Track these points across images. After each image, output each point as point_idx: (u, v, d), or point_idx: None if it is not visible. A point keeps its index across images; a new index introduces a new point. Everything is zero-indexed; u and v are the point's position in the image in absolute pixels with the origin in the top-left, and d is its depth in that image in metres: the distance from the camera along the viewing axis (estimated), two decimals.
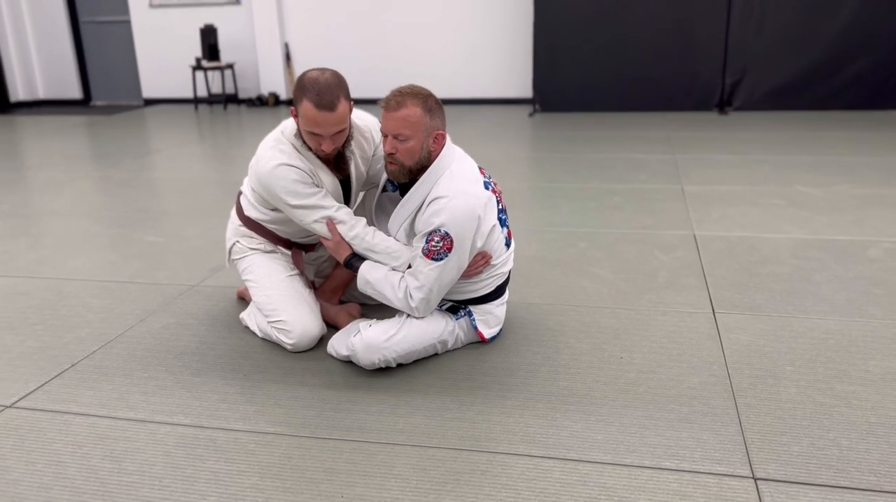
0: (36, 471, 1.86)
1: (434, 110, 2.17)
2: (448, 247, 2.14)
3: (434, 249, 2.15)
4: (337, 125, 2.19)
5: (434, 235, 2.14)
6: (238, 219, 2.59)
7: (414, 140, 2.15)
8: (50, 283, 3.19)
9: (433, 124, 2.17)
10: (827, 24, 7.21)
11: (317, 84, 2.14)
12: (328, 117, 2.16)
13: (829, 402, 2.08)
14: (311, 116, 2.16)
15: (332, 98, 2.14)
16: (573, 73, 7.86)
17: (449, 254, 2.15)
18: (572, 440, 1.93)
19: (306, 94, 2.15)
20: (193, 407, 2.16)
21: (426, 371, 2.33)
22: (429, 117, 2.15)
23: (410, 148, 2.15)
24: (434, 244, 2.14)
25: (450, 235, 2.13)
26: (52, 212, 4.38)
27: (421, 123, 2.14)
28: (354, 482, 1.79)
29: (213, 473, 1.84)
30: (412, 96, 2.14)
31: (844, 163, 5.08)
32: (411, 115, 2.12)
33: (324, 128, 2.18)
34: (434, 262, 2.16)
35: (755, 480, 1.75)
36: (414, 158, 2.18)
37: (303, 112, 2.18)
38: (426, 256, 2.17)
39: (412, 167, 2.19)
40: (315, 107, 2.14)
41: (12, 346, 2.59)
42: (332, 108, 2.15)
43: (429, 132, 2.17)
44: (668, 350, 2.42)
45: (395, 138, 2.15)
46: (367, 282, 2.30)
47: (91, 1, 9.82)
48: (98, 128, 7.96)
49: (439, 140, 2.21)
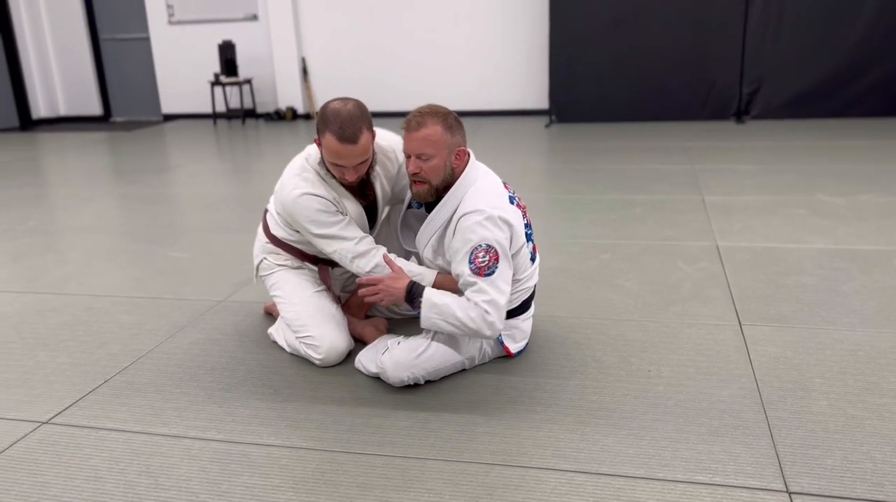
0: (75, 487, 1.89)
1: (454, 127, 2.20)
2: (494, 257, 2.16)
3: (482, 265, 2.16)
4: (360, 156, 2.23)
5: (477, 252, 2.15)
6: (265, 237, 2.62)
7: (437, 158, 2.18)
8: (79, 299, 3.24)
9: (454, 141, 2.20)
10: (844, 32, 7.20)
11: (339, 116, 2.17)
12: (351, 150, 2.19)
13: (861, 415, 2.07)
14: (335, 149, 2.20)
15: (354, 131, 2.17)
16: (589, 83, 7.88)
17: (498, 265, 2.16)
18: (603, 454, 1.94)
19: (329, 127, 2.18)
20: (226, 422, 2.18)
21: (454, 386, 2.34)
22: (449, 134, 2.18)
23: (434, 166, 2.19)
24: (480, 260, 2.15)
25: (492, 247, 2.15)
26: (77, 228, 4.44)
27: (442, 141, 2.17)
28: (388, 497, 1.80)
29: (248, 488, 1.86)
30: (431, 115, 2.17)
31: (866, 171, 5.06)
32: (432, 133, 2.16)
33: (347, 159, 2.21)
34: (488, 278, 2.16)
35: (789, 494, 1.75)
36: (439, 176, 2.21)
37: (326, 144, 2.21)
38: (478, 275, 2.16)
39: (438, 185, 2.23)
40: (338, 139, 2.17)
41: (46, 362, 2.63)
42: (354, 141, 2.18)
43: (451, 149, 2.20)
44: (696, 362, 2.42)
45: (419, 158, 2.18)
46: (434, 305, 2.20)
47: (111, 18, 9.97)
48: (118, 144, 8.07)
49: (461, 156, 2.24)
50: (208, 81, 9.24)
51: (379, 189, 2.48)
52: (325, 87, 9.30)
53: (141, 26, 9.82)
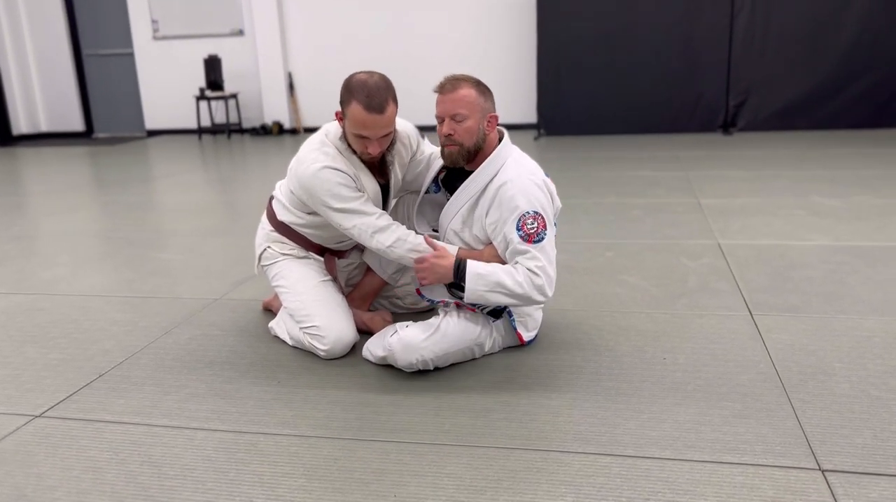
0: (73, 478, 1.79)
1: (486, 93, 2.20)
2: (543, 224, 2.14)
3: (531, 232, 2.13)
4: (385, 128, 2.17)
5: (525, 219, 2.13)
6: (269, 225, 2.55)
7: (471, 120, 2.16)
8: (69, 300, 3.13)
9: (487, 106, 2.20)
10: (829, 45, 7.29)
11: (366, 86, 2.13)
12: (377, 119, 2.14)
13: (886, 396, 2.02)
14: (360, 118, 2.14)
15: (381, 100, 2.13)
16: (577, 96, 7.90)
17: (546, 231, 2.15)
18: (627, 437, 1.87)
19: (355, 96, 2.13)
20: (230, 413, 2.09)
21: (465, 374, 2.27)
22: (483, 98, 2.18)
23: (468, 128, 2.16)
24: (529, 227, 2.13)
25: (539, 213, 2.14)
26: (64, 234, 4.33)
27: (477, 103, 2.16)
28: (406, 481, 1.72)
29: (257, 476, 1.77)
30: (464, 79, 2.18)
31: (859, 176, 5.09)
32: (467, 95, 2.15)
33: (372, 130, 2.15)
34: (538, 244, 2.14)
35: (822, 472, 1.69)
36: (472, 139, 2.18)
37: (351, 114, 2.15)
38: (528, 241, 2.13)
39: (470, 148, 2.19)
40: (364, 109, 2.12)
41: (36, 359, 2.52)
42: (381, 111, 2.13)
43: (484, 113, 2.19)
44: (711, 350, 2.37)
45: (453, 119, 2.16)
46: (480, 275, 2.13)
47: (94, 34, 9.88)
48: (102, 157, 7.95)
49: (493, 122, 2.22)
50: (193, 96, 9.16)
51: (393, 173, 2.42)
52: (312, 102, 9.26)
53: (125, 41, 9.73)
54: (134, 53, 9.67)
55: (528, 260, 2.14)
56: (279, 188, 2.56)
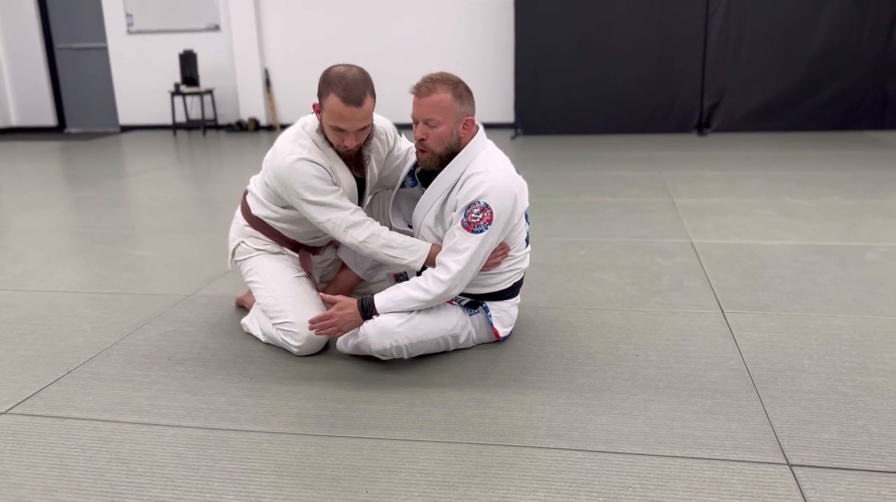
0: (39, 475, 1.76)
1: (464, 96, 2.17)
2: (488, 219, 2.12)
3: (474, 221, 2.12)
4: (362, 121, 2.16)
5: (474, 207, 2.12)
6: (244, 219, 2.52)
7: (444, 126, 2.14)
8: (38, 296, 3.08)
9: (463, 110, 2.17)
10: (802, 48, 7.39)
11: (344, 79, 2.11)
12: (354, 112, 2.13)
13: (853, 393, 2.05)
14: (338, 111, 2.13)
15: (359, 93, 2.11)
16: (554, 96, 7.94)
17: (489, 227, 2.13)
18: (599, 433, 1.88)
19: (333, 89, 2.11)
20: (201, 409, 2.07)
21: (439, 370, 2.26)
22: (458, 103, 2.16)
23: (441, 133, 2.15)
24: (474, 216, 2.12)
25: (489, 207, 2.11)
26: (34, 230, 4.26)
27: (451, 109, 2.14)
28: (378, 478, 1.72)
29: (228, 473, 1.75)
30: (442, 82, 2.15)
31: (829, 177, 5.16)
32: (442, 100, 2.13)
33: (349, 123, 2.14)
34: (474, 235, 2.13)
35: (790, 466, 1.71)
36: (444, 144, 2.17)
37: (328, 106, 2.14)
38: (466, 229, 2.13)
39: (442, 154, 2.19)
40: (342, 101, 2.11)
41: (3, 355, 2.48)
42: (359, 104, 2.12)
43: (459, 118, 2.17)
44: (683, 347, 2.39)
45: (426, 124, 2.15)
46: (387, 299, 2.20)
47: (67, 27, 9.74)
48: (74, 152, 7.83)
49: (468, 126, 2.21)
50: (168, 91, 9.06)
51: (369, 168, 2.41)
52: (288, 99, 9.20)
53: (98, 35, 9.60)
54: (108, 48, 9.54)
55: (448, 252, 2.16)
56: (254, 182, 2.54)
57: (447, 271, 2.16)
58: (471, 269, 2.17)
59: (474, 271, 2.19)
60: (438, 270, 2.18)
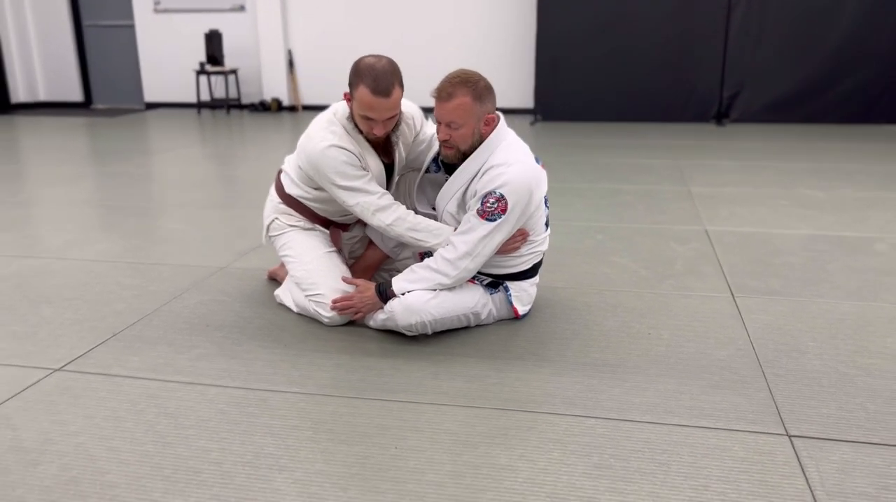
0: (95, 425, 1.92)
1: (484, 96, 2.27)
2: (502, 209, 2.24)
3: (489, 209, 2.25)
4: (390, 111, 2.29)
5: (490, 196, 2.25)
6: (277, 197, 2.67)
7: (466, 127, 2.26)
8: (79, 264, 3.24)
9: (483, 109, 2.28)
10: (823, 40, 7.42)
11: (373, 70, 2.24)
12: (383, 103, 2.25)
13: (853, 373, 2.17)
14: (367, 101, 2.25)
15: (387, 84, 2.24)
16: (574, 83, 8.01)
17: (502, 217, 2.25)
18: (611, 402, 2.02)
19: (363, 80, 2.24)
20: (240, 372, 2.22)
21: (462, 343, 2.40)
22: (479, 104, 2.25)
23: (463, 134, 2.28)
24: (489, 205, 2.24)
25: (505, 198, 2.24)
26: (69, 202, 4.43)
27: (472, 111, 2.25)
28: (406, 435, 1.86)
29: (268, 428, 1.90)
30: (462, 84, 2.24)
31: (843, 169, 5.24)
32: (462, 104, 2.23)
33: (378, 112, 2.27)
34: (487, 223, 2.26)
35: (789, 437, 1.84)
36: (467, 143, 2.31)
37: (358, 96, 2.27)
38: (480, 216, 2.27)
39: (466, 150, 2.32)
40: (371, 92, 2.23)
41: (51, 318, 2.64)
42: (387, 94, 2.24)
43: (479, 118, 2.28)
44: (694, 327, 2.52)
45: (448, 126, 2.26)
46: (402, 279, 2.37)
47: (95, 5, 9.90)
48: (101, 128, 8.01)
49: (490, 123, 2.32)
50: (193, 70, 9.21)
51: (398, 152, 2.54)
52: (311, 80, 9.32)
53: (125, 13, 9.75)
54: (135, 25, 9.69)
55: (460, 235, 2.31)
56: (288, 162, 2.68)
57: (453, 250, 2.31)
58: (482, 254, 2.31)
59: (487, 255, 2.32)
60: (446, 249, 2.34)
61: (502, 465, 1.73)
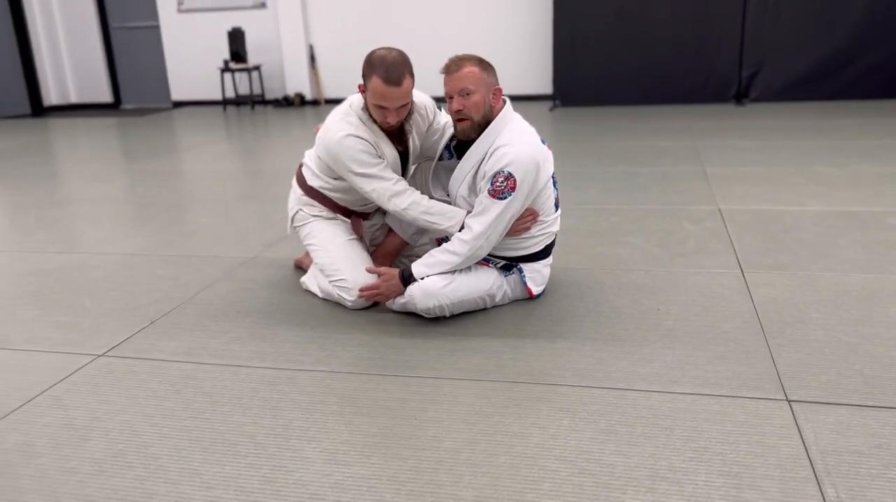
0: (137, 404, 2.08)
1: (489, 69, 2.43)
2: (512, 186, 2.36)
3: (499, 188, 2.37)
4: (402, 99, 2.41)
5: (499, 176, 2.37)
6: (300, 189, 2.80)
7: (478, 94, 2.39)
8: (116, 258, 3.42)
9: (490, 80, 2.43)
10: (842, 17, 7.38)
11: (385, 61, 2.36)
12: (395, 92, 2.38)
13: (854, 341, 2.26)
14: (380, 91, 2.38)
15: (398, 75, 2.36)
16: (592, 68, 8.06)
17: (513, 194, 2.37)
18: (619, 374, 2.13)
19: (375, 71, 2.37)
20: (269, 353, 2.37)
21: (478, 322, 2.53)
22: (486, 74, 2.42)
23: (475, 102, 2.39)
24: (499, 184, 2.37)
25: (513, 175, 2.36)
26: (103, 199, 4.62)
27: (481, 78, 2.40)
28: (425, 407, 1.99)
29: (297, 403, 2.04)
30: (467, 58, 2.42)
31: (861, 146, 5.25)
32: (472, 71, 2.39)
33: (390, 101, 2.40)
34: (499, 201, 2.38)
35: (788, 402, 1.94)
36: (480, 112, 2.42)
37: (371, 87, 2.39)
38: (492, 196, 2.39)
39: (479, 121, 2.43)
40: (383, 82, 2.36)
41: (92, 308, 2.81)
42: (398, 84, 2.37)
43: (488, 87, 2.42)
44: (702, 303, 2.61)
45: (461, 94, 2.39)
46: (423, 264, 2.49)
47: (121, 7, 10.14)
48: (130, 128, 8.24)
49: (497, 95, 2.45)
50: (218, 68, 9.41)
51: (410, 142, 2.66)
52: (333, 74, 9.47)
53: (150, 14, 9.98)
54: (160, 26, 9.92)
55: (475, 216, 2.43)
56: (308, 156, 2.82)
57: (470, 231, 2.43)
58: (496, 232, 2.43)
59: (500, 233, 2.44)
60: (463, 232, 2.46)
61: (515, 432, 1.85)
